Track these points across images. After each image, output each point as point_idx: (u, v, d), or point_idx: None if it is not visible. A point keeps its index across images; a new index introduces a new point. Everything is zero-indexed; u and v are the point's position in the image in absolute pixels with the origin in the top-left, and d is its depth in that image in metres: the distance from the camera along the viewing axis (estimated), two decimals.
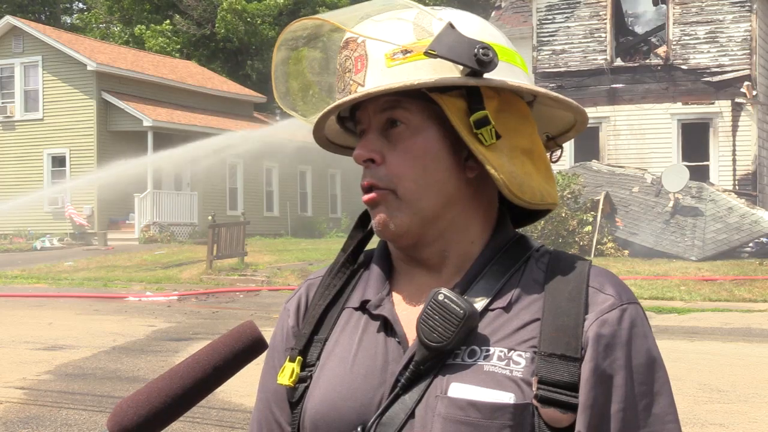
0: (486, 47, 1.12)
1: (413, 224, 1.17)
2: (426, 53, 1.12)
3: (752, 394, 7.69)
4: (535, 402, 1.09)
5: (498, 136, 1.15)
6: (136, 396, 1.07)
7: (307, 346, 1.22)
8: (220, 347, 1.12)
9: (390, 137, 1.18)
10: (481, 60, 1.12)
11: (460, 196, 1.19)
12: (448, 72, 1.14)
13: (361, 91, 1.15)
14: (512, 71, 1.19)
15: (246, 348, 1.13)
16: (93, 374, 8.74)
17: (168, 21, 41.18)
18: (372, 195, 1.18)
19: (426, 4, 1.40)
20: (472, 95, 1.15)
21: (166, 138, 27.64)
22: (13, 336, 11.28)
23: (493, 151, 1.14)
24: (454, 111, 1.14)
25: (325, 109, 1.20)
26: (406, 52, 1.14)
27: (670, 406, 1.12)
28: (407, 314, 1.18)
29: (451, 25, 1.13)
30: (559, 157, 1.30)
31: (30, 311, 14.11)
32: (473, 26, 1.18)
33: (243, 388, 7.29)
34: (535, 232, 18.83)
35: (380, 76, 1.15)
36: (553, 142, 1.30)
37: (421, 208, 1.17)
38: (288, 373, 1.21)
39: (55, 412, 7.11)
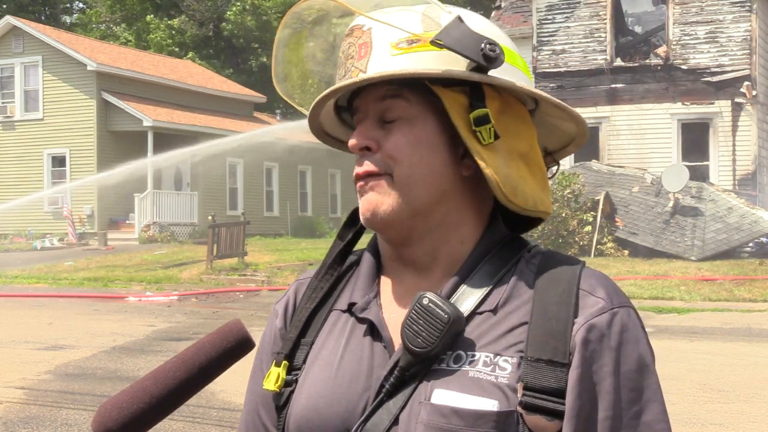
0: (493, 43, 1.10)
1: (404, 213, 1.14)
2: (432, 42, 1.10)
3: (752, 394, 7.69)
4: (519, 409, 1.05)
5: (497, 137, 1.12)
6: (121, 396, 1.05)
7: (293, 349, 1.20)
8: (206, 346, 1.09)
9: (387, 127, 1.15)
10: (488, 55, 1.10)
11: (454, 194, 1.16)
12: (453, 66, 1.12)
13: (362, 77, 1.13)
14: (516, 74, 1.17)
15: (232, 347, 1.10)
16: (93, 374, 8.74)
17: (176, 20, 41.31)
18: (365, 180, 1.15)
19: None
20: (474, 92, 1.13)
21: (166, 138, 27.62)
22: (13, 336, 11.28)
23: (490, 151, 1.12)
24: (455, 106, 1.12)
25: (324, 93, 1.17)
26: (411, 41, 1.12)
27: (662, 413, 1.09)
28: (395, 317, 1.15)
29: (459, 18, 1.11)
30: (555, 173, 1.27)
31: (30, 311, 14.10)
32: (481, 24, 1.16)
33: (243, 389, 7.28)
34: (535, 232, 18.83)
35: (383, 63, 1.12)
36: (550, 158, 1.27)
37: (414, 197, 1.14)
38: (273, 378, 1.19)
39: (55, 412, 7.11)
